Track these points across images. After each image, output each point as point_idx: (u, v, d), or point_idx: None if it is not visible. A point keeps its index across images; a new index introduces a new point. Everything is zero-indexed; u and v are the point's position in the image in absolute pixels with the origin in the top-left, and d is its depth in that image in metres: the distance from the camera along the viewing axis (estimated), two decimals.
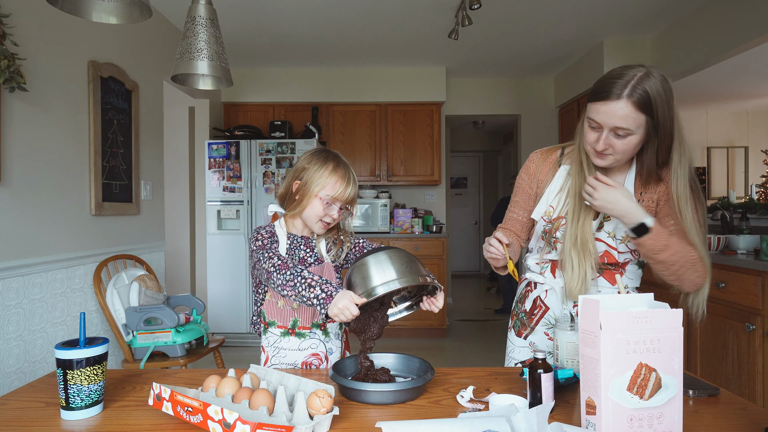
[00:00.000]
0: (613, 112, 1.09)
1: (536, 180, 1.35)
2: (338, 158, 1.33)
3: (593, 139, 1.16)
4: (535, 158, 1.38)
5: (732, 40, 3.13)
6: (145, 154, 3.16)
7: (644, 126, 1.11)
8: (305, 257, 1.35)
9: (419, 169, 4.91)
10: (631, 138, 1.13)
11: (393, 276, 1.07)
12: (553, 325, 1.31)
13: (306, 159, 1.34)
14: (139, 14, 1.20)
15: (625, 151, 1.15)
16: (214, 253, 4.32)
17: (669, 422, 0.80)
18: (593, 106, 1.14)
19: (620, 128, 1.11)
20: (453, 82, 5.20)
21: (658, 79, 1.10)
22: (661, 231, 1.13)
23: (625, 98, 1.08)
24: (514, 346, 1.39)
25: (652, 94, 1.08)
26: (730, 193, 3.69)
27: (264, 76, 4.87)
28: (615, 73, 1.12)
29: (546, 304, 1.32)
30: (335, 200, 1.29)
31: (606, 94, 1.10)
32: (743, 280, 2.27)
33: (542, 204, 1.32)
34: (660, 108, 1.10)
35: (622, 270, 1.28)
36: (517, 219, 1.40)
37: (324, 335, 1.33)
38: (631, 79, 1.09)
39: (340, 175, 1.30)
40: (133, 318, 2.49)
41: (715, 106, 6.62)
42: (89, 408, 0.93)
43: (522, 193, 1.38)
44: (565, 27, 3.81)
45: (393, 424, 0.81)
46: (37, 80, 2.18)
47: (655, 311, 0.80)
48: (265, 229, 1.33)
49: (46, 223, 2.25)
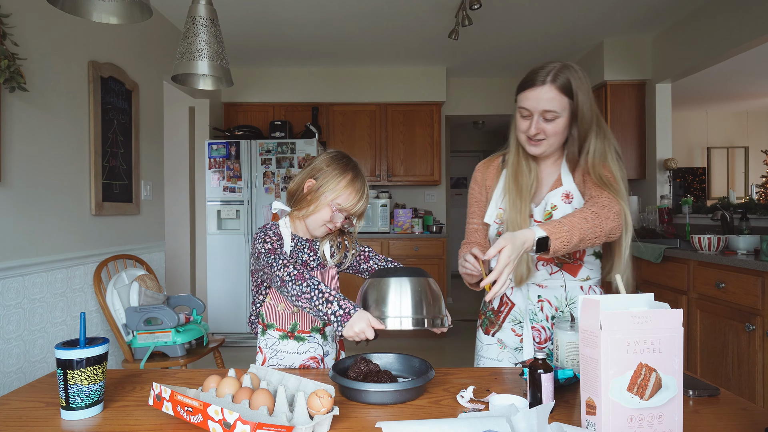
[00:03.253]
0: (540, 96, 1.22)
1: (485, 187, 1.44)
2: (357, 169, 1.32)
3: (525, 127, 1.27)
4: (480, 168, 1.48)
5: (732, 41, 3.13)
6: (145, 154, 3.16)
7: (568, 108, 1.23)
8: (308, 260, 1.34)
9: (419, 169, 4.91)
10: (559, 120, 1.24)
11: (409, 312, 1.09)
12: (519, 321, 1.34)
13: (325, 161, 1.31)
14: (139, 14, 1.20)
15: (555, 134, 1.26)
16: (214, 253, 4.32)
17: (669, 422, 0.80)
18: (522, 95, 1.26)
19: (548, 111, 1.22)
20: (453, 82, 5.20)
21: (577, 70, 1.24)
22: (554, 227, 1.14)
23: (549, 83, 1.21)
24: (483, 344, 1.41)
25: (573, 79, 1.22)
26: (730, 193, 3.69)
27: (264, 76, 4.87)
28: (538, 66, 1.25)
29: (511, 300, 1.36)
30: (344, 210, 1.29)
31: (532, 82, 1.23)
32: (743, 280, 2.27)
33: (492, 207, 1.38)
34: (581, 93, 1.22)
35: (580, 262, 1.32)
36: (478, 229, 1.46)
37: (323, 339, 1.33)
38: (552, 68, 1.22)
39: (356, 188, 1.29)
40: (133, 318, 2.49)
41: (715, 106, 6.62)
42: (89, 408, 0.93)
43: (476, 203, 1.47)
44: (565, 27, 3.81)
45: (393, 424, 0.81)
46: (37, 80, 2.18)
47: (655, 311, 0.80)
48: (272, 230, 1.31)
49: (46, 223, 2.25)
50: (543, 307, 1.31)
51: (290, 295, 1.16)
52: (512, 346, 1.35)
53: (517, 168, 1.33)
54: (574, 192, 1.31)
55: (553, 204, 1.30)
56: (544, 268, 1.31)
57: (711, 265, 2.50)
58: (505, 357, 1.36)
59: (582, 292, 1.32)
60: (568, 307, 1.31)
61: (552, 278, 1.31)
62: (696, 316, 2.61)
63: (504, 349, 1.36)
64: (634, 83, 4.08)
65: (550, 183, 1.35)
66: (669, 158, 3.87)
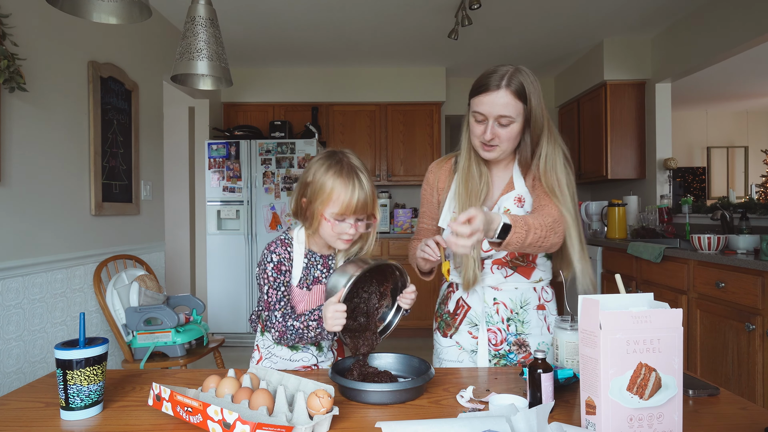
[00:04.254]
0: (495, 101, 1.21)
1: (436, 189, 1.45)
2: (340, 163, 1.17)
3: (480, 131, 1.26)
4: (432, 169, 1.49)
5: (732, 40, 3.13)
6: (145, 154, 3.15)
7: (522, 113, 1.23)
8: (320, 277, 1.27)
9: (419, 169, 4.91)
10: (513, 126, 1.24)
11: (352, 272, 1.10)
12: (475, 324, 1.36)
13: (309, 170, 1.20)
14: (139, 14, 1.20)
15: (509, 139, 1.25)
16: (214, 253, 4.32)
17: (669, 422, 0.80)
18: (477, 99, 1.24)
19: (503, 116, 1.22)
20: (453, 82, 5.20)
21: (528, 73, 1.23)
22: (517, 222, 1.14)
23: (504, 88, 1.20)
24: (442, 347, 1.42)
25: (526, 84, 1.21)
26: (730, 193, 3.69)
27: (264, 76, 4.87)
28: (490, 70, 1.24)
29: (468, 303, 1.37)
30: (344, 215, 1.16)
31: (487, 87, 1.22)
32: (743, 280, 2.27)
33: (445, 212, 1.39)
34: (533, 97, 1.22)
35: (533, 264, 1.34)
36: (428, 229, 1.48)
37: (317, 350, 1.31)
38: (506, 72, 1.21)
39: (341, 185, 1.14)
40: (133, 318, 2.49)
41: (715, 106, 6.62)
42: (89, 408, 0.93)
43: (427, 204, 1.48)
44: (565, 27, 3.81)
45: (393, 424, 0.81)
46: (37, 80, 2.18)
47: (655, 311, 0.80)
48: (280, 255, 1.21)
49: (46, 223, 2.25)
50: (499, 310, 1.33)
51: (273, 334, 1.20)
52: (468, 349, 1.37)
53: (468, 173, 1.32)
54: (526, 196, 1.33)
55: (506, 208, 1.32)
56: (499, 272, 1.33)
57: (711, 265, 2.50)
58: (465, 358, 1.37)
59: (535, 293, 1.35)
60: (522, 308, 1.33)
61: (506, 281, 1.33)
62: (696, 316, 2.61)
63: (462, 351, 1.38)
64: (634, 83, 4.08)
65: (501, 186, 1.36)
66: (669, 158, 3.87)
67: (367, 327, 1.19)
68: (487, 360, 1.33)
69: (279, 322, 1.18)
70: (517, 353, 1.33)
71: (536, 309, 1.34)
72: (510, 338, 1.33)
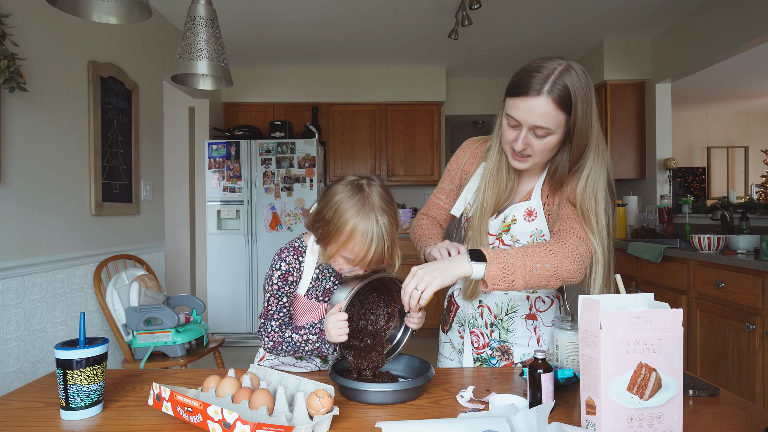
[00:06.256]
0: (533, 109, 1.03)
1: (461, 170, 1.32)
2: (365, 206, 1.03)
3: (512, 138, 1.10)
4: (466, 147, 1.34)
5: (732, 40, 3.13)
6: (145, 154, 3.15)
7: (563, 126, 1.05)
8: (331, 288, 1.23)
9: (419, 168, 4.92)
10: (551, 138, 1.07)
11: (354, 284, 1.09)
12: (462, 324, 1.33)
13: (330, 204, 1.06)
14: (139, 14, 1.20)
15: (544, 152, 1.09)
16: (214, 253, 4.32)
17: (669, 422, 0.80)
18: (512, 101, 1.06)
19: (539, 127, 1.04)
20: (453, 82, 5.20)
21: (580, 75, 1.03)
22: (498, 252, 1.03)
23: (545, 94, 1.01)
24: (441, 342, 1.41)
25: (573, 89, 1.02)
26: (730, 193, 3.69)
27: (264, 76, 4.87)
28: (534, 65, 1.04)
29: (457, 302, 1.34)
30: (354, 263, 1.08)
31: (525, 89, 1.03)
32: (743, 280, 2.27)
33: (461, 201, 1.29)
34: (581, 106, 1.03)
35: None
36: (442, 206, 1.37)
37: (322, 363, 1.28)
38: (552, 72, 1.02)
39: (360, 236, 1.03)
40: (133, 318, 2.49)
41: (715, 106, 6.62)
42: (89, 408, 0.93)
43: (449, 180, 1.36)
44: (565, 27, 3.81)
45: (393, 424, 0.81)
46: (37, 80, 2.18)
47: (655, 311, 0.80)
48: (290, 264, 1.17)
49: (46, 223, 2.25)
50: (482, 313, 1.28)
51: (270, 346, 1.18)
52: (458, 348, 1.34)
53: (496, 176, 1.20)
54: (539, 210, 1.19)
55: (513, 217, 1.21)
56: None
57: (711, 265, 2.50)
58: (457, 357, 1.34)
59: (527, 302, 1.25)
60: (508, 315, 1.26)
61: None
62: (696, 316, 2.61)
63: (453, 349, 1.36)
64: (634, 83, 4.08)
65: (523, 193, 1.24)
66: (669, 158, 3.87)
67: (373, 347, 1.16)
68: (472, 361, 1.28)
69: (275, 332, 1.16)
70: (499, 359, 1.26)
71: (524, 318, 1.25)
72: (493, 344, 1.27)
